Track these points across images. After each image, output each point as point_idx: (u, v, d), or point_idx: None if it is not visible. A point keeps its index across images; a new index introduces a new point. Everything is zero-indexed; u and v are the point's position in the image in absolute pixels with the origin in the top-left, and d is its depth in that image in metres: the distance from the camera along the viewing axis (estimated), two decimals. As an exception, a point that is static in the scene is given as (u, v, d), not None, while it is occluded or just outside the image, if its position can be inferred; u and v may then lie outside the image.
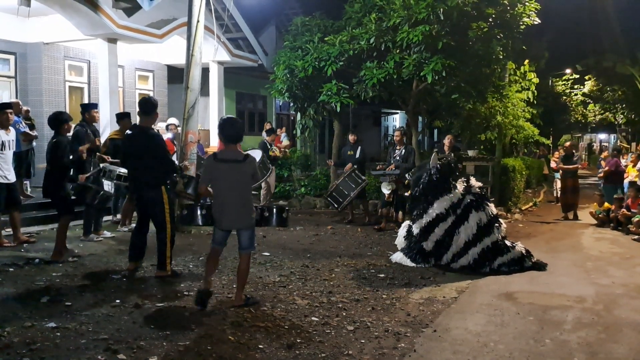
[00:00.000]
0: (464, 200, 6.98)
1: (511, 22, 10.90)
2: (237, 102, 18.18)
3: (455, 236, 6.87)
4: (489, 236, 6.88)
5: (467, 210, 6.94)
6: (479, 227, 6.88)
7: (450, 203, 6.95)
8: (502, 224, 7.12)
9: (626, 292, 6.04)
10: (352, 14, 11.56)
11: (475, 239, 6.85)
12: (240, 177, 4.91)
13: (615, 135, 38.86)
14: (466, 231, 6.86)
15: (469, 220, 6.89)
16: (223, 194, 4.93)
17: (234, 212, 4.91)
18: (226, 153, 4.97)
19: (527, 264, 6.95)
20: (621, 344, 4.47)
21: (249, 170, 4.93)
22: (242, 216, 4.93)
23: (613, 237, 9.69)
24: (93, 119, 7.82)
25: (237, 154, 4.96)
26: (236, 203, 4.91)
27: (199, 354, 3.95)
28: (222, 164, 4.90)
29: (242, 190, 4.94)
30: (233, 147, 4.99)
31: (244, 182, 4.94)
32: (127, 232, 7.99)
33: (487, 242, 6.86)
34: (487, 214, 6.95)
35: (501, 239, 6.97)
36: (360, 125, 22.46)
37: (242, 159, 4.92)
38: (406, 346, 4.28)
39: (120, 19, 11.06)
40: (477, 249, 6.83)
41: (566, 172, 11.67)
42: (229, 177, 4.89)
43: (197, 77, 9.07)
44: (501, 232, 7.01)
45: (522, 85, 15.75)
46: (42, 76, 11.75)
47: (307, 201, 12.71)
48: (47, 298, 5.09)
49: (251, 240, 5.02)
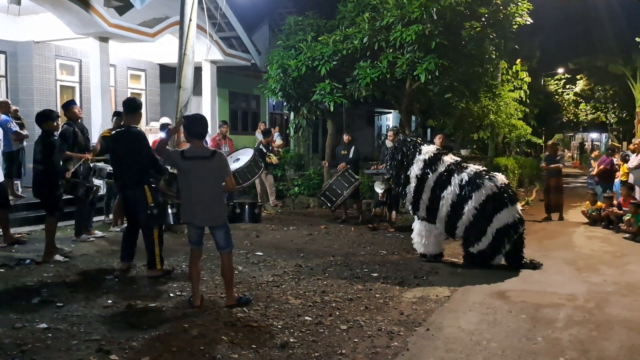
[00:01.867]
0: (439, 164, 7.04)
1: (504, 21, 10.96)
2: (230, 101, 18.14)
3: (442, 201, 6.92)
4: (479, 190, 6.82)
5: (449, 174, 6.97)
6: (461, 186, 6.87)
7: (422, 163, 7.04)
8: (487, 181, 6.99)
9: (617, 290, 6.07)
10: (346, 13, 11.56)
11: (462, 200, 6.85)
12: (207, 173, 4.85)
13: (607, 134, 39.12)
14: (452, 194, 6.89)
15: (451, 183, 6.92)
16: (190, 191, 4.87)
17: (202, 209, 4.86)
18: (193, 150, 4.92)
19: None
20: (612, 341, 4.50)
21: (216, 165, 4.87)
22: (211, 213, 4.88)
23: (604, 236, 9.75)
24: (75, 116, 7.67)
25: (204, 150, 4.94)
26: (204, 200, 4.85)
27: (192, 354, 3.93)
28: (189, 161, 4.85)
29: (211, 187, 4.87)
30: (199, 144, 4.95)
31: (212, 178, 4.88)
32: (118, 232, 7.95)
33: (476, 201, 6.81)
34: (467, 174, 6.94)
35: (492, 193, 6.86)
36: (354, 125, 22.44)
37: (209, 155, 4.88)
38: (399, 345, 4.28)
39: (112, 17, 10.99)
40: (470, 207, 6.81)
41: (550, 171, 11.66)
42: (196, 174, 4.84)
43: (190, 77, 9.03)
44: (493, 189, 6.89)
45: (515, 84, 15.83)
46: (33, 75, 11.67)
47: (300, 201, 12.71)
48: (38, 299, 5.05)
49: (227, 238, 4.98)
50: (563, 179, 12.07)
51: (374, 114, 29.61)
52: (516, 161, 16.87)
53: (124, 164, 5.89)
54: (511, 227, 6.84)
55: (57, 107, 12.15)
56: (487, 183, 6.88)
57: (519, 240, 6.98)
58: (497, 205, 6.83)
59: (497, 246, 6.84)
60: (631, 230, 9.29)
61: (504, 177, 7.23)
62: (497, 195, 6.86)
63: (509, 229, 6.83)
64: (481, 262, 6.92)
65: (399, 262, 7.18)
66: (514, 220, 6.87)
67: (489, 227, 6.80)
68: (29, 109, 11.34)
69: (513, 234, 6.86)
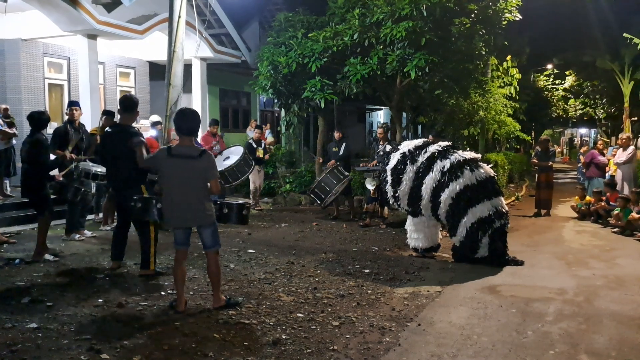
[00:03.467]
0: (420, 154, 7.13)
1: (493, 18, 11.00)
2: (221, 98, 18.08)
3: (423, 186, 6.98)
4: (457, 180, 6.84)
5: (430, 161, 7.02)
6: (443, 173, 6.90)
7: (401, 153, 7.23)
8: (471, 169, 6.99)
9: (606, 283, 6.14)
10: (336, 10, 11.55)
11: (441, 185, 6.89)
12: (193, 173, 4.67)
13: (596, 129, 39.43)
14: (432, 180, 6.94)
15: (432, 170, 6.96)
16: (174, 190, 4.71)
17: (187, 209, 4.71)
18: (181, 148, 4.75)
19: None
20: (601, 334, 4.54)
21: (203, 166, 4.70)
22: (196, 213, 4.74)
23: (593, 230, 9.84)
24: (72, 117, 7.71)
25: (192, 149, 4.73)
26: (188, 200, 4.69)
27: (184, 353, 3.93)
28: (175, 159, 4.69)
29: (196, 187, 4.70)
30: (188, 142, 4.77)
31: (198, 178, 4.70)
32: (109, 231, 7.91)
33: (457, 186, 6.82)
34: (451, 161, 6.95)
35: (475, 181, 6.87)
36: (345, 122, 22.48)
37: (197, 155, 4.67)
38: (391, 340, 4.30)
39: (100, 14, 10.92)
40: (446, 194, 6.84)
41: (541, 167, 11.71)
42: (181, 173, 4.67)
43: (180, 74, 9.00)
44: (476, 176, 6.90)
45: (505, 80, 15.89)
46: (21, 73, 11.57)
47: (292, 198, 12.70)
48: (29, 298, 5.02)
49: (214, 237, 4.85)
50: (553, 174, 12.15)
51: (365, 111, 29.66)
52: (506, 157, 16.96)
53: (120, 164, 5.82)
54: (486, 221, 6.80)
55: (46, 105, 12.08)
56: (467, 173, 6.88)
57: (499, 235, 6.90)
58: (474, 198, 6.83)
59: (474, 239, 6.83)
60: (620, 224, 9.38)
61: (490, 169, 7.21)
62: (475, 187, 6.85)
63: (483, 223, 6.80)
64: (465, 255, 6.95)
65: (390, 258, 7.21)
66: (489, 213, 6.83)
67: (463, 219, 6.83)
68: (17, 108, 11.25)
69: (488, 228, 6.81)
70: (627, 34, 17.66)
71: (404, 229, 7.69)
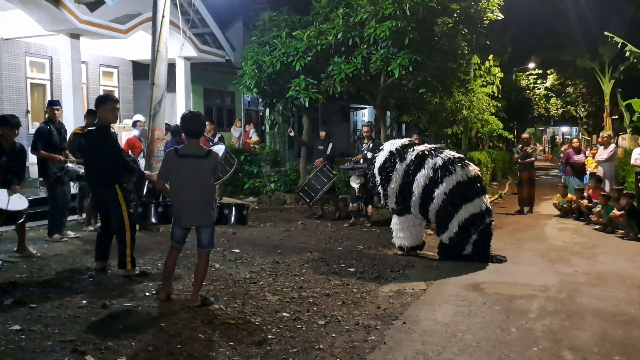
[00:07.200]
0: (408, 152, 7.19)
1: (475, 17, 11.11)
2: (205, 98, 17.99)
3: (415, 183, 7.01)
4: (450, 176, 6.91)
5: (421, 159, 7.07)
6: (435, 170, 6.95)
7: (389, 152, 7.25)
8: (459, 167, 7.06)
9: (588, 280, 6.23)
10: (320, 9, 11.56)
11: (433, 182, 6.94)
12: (201, 173, 4.79)
13: (577, 128, 39.93)
14: (424, 177, 6.98)
15: (424, 167, 7.01)
16: (183, 190, 4.79)
17: (195, 209, 4.79)
18: (188, 148, 4.86)
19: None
20: (584, 330, 4.61)
21: (210, 166, 4.82)
22: (202, 213, 4.81)
23: (575, 227, 9.98)
24: (52, 116, 7.64)
25: (199, 149, 4.87)
26: (197, 200, 4.78)
27: (169, 353, 3.91)
28: (183, 160, 4.79)
29: (203, 187, 4.80)
30: (195, 142, 4.89)
31: (205, 178, 4.81)
32: (92, 232, 7.84)
33: (451, 182, 6.88)
34: (442, 159, 7.02)
35: (467, 178, 6.94)
36: (330, 121, 22.46)
37: (204, 155, 4.82)
38: (376, 339, 4.33)
39: (83, 14, 10.81)
40: (440, 190, 6.90)
41: (522, 164, 11.85)
42: (189, 173, 4.77)
43: (163, 73, 8.93)
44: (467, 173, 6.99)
45: (487, 79, 16.03)
46: (2, 73, 11.42)
47: (277, 197, 12.69)
48: (11, 300, 4.94)
49: (211, 238, 4.92)
50: (535, 172, 12.30)
51: (349, 110, 29.68)
52: (489, 155, 17.14)
53: (95, 164, 5.80)
54: (478, 217, 6.91)
55: (28, 105, 11.93)
56: (459, 170, 6.97)
57: (486, 231, 7.02)
58: (467, 194, 6.91)
59: (466, 235, 6.91)
60: (601, 221, 9.52)
61: (476, 167, 7.31)
62: (467, 183, 6.93)
63: (475, 219, 6.89)
64: (453, 252, 7.01)
65: (375, 257, 7.24)
66: (480, 210, 6.94)
67: (456, 215, 6.89)
68: (-1, 107, 11.10)
69: (480, 224, 6.92)
70: (608, 33, 17.88)
71: (388, 227, 7.73)
